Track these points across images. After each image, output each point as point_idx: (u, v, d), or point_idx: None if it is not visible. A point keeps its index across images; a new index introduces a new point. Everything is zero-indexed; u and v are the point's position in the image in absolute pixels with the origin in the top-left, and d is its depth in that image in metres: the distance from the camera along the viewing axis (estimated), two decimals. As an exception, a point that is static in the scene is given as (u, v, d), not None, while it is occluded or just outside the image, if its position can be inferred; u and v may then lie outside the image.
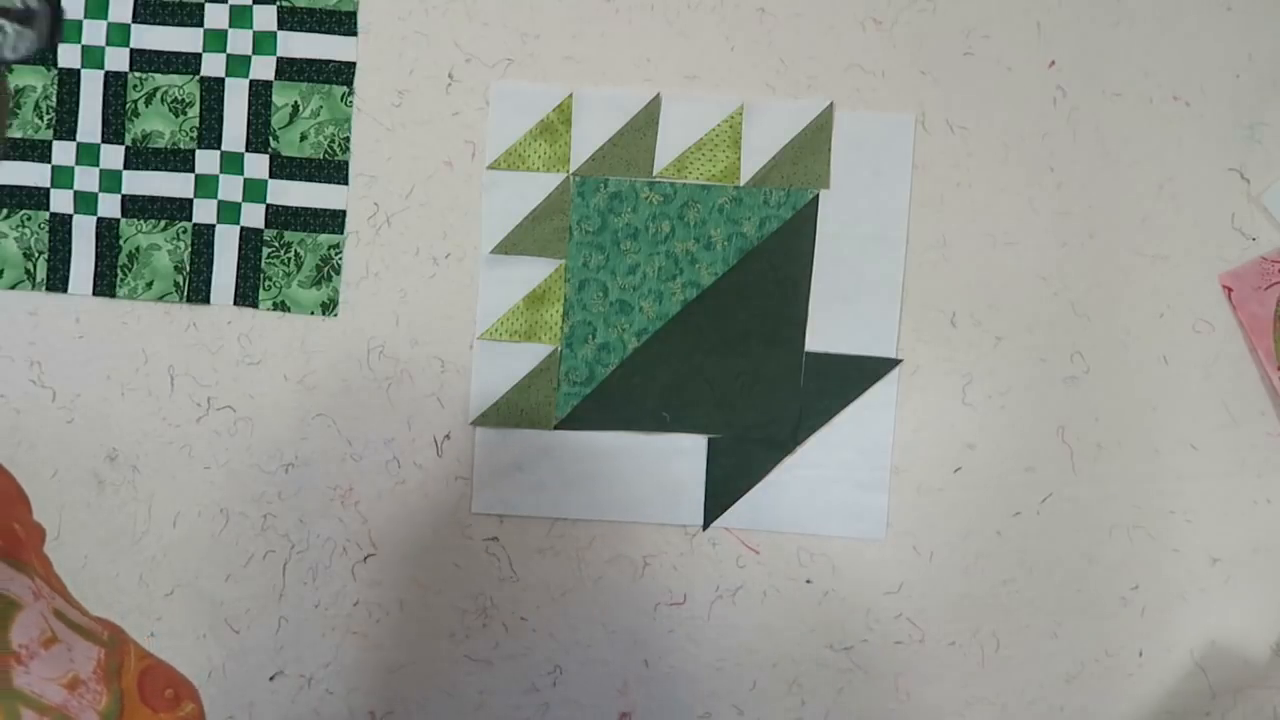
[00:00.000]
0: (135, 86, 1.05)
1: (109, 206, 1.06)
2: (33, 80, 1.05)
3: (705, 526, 1.06)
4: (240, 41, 1.05)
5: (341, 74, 1.04)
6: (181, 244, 1.06)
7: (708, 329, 1.05)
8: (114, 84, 1.05)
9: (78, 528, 1.06)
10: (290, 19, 1.04)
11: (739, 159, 1.04)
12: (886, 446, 1.04)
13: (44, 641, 0.46)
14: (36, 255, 1.06)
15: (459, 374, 1.05)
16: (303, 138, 1.05)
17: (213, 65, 1.05)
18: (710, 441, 1.05)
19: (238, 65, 1.05)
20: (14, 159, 1.05)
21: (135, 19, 1.05)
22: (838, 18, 1.03)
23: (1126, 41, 1.02)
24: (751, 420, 1.05)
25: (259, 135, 1.05)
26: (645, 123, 1.04)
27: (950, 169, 1.03)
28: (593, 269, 1.05)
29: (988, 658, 1.06)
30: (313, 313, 1.06)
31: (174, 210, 1.06)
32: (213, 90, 1.05)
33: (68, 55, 1.05)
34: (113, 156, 1.06)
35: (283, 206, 1.05)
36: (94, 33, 1.05)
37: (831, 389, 1.04)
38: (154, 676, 0.51)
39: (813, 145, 1.03)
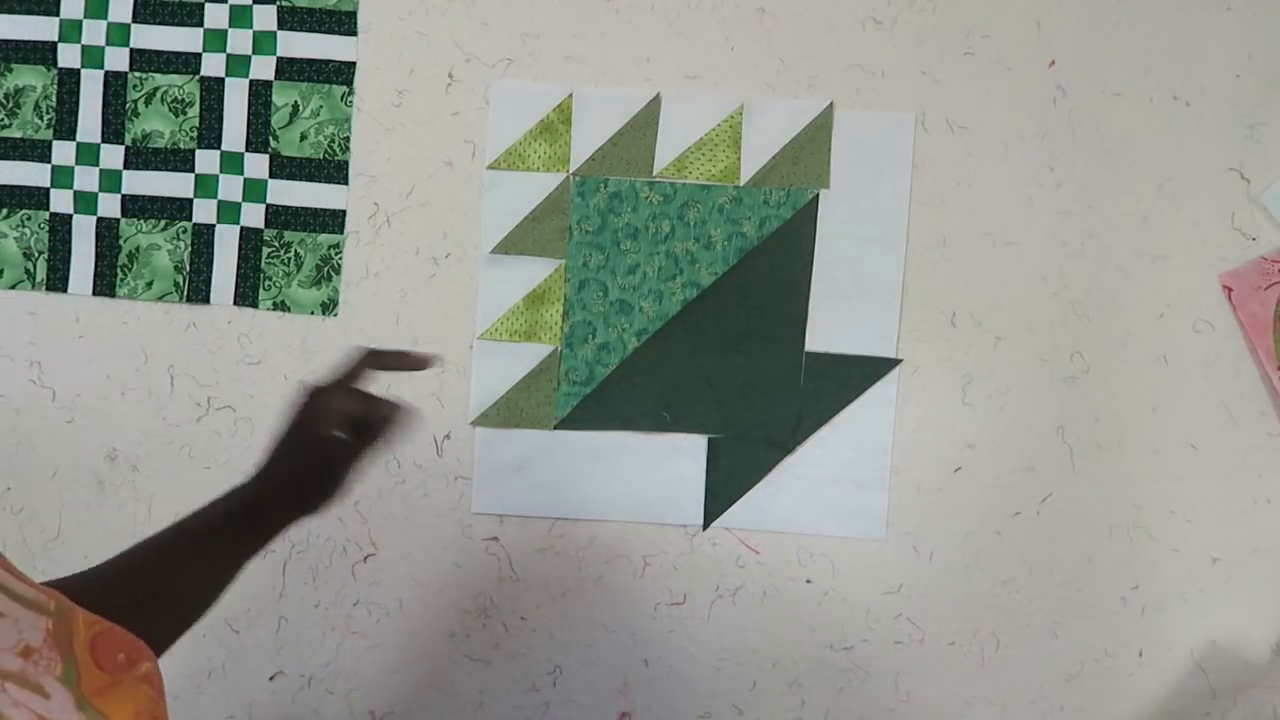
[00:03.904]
0: (135, 86, 1.05)
1: (109, 206, 1.06)
2: (33, 80, 1.05)
3: (705, 526, 1.06)
4: (240, 41, 1.05)
5: (341, 74, 1.04)
6: (181, 244, 1.06)
7: (708, 329, 1.05)
8: (114, 84, 1.05)
9: (78, 528, 1.06)
10: (290, 19, 1.04)
11: (739, 159, 1.04)
12: (886, 446, 1.04)
13: None
14: (36, 255, 1.06)
15: (459, 374, 1.05)
16: (303, 138, 1.05)
17: (213, 65, 1.05)
18: (710, 441, 1.05)
19: (238, 65, 1.05)
20: (14, 159, 1.05)
21: (135, 19, 1.05)
22: (838, 18, 1.03)
23: (1126, 41, 1.02)
24: (751, 420, 1.05)
25: (259, 135, 1.05)
26: (645, 123, 1.04)
27: (950, 169, 1.03)
28: (593, 269, 1.05)
29: (988, 658, 1.06)
30: (313, 313, 1.06)
31: (174, 210, 1.06)
32: (213, 90, 1.05)
33: (68, 55, 1.05)
34: (113, 156, 1.06)
35: (283, 206, 1.05)
36: (94, 33, 1.05)
37: (831, 389, 1.04)
38: (106, 642, 0.51)
39: (813, 145, 1.03)
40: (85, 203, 1.06)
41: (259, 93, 1.05)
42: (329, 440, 0.73)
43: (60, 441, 1.06)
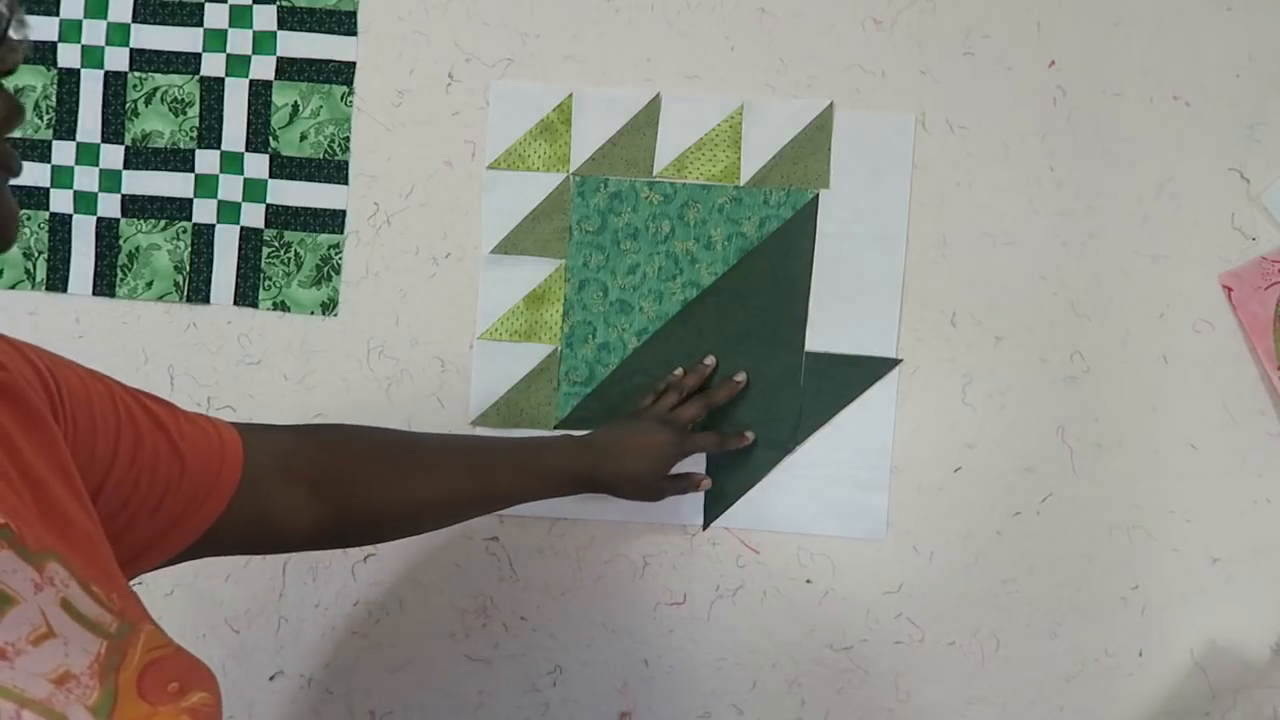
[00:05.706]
0: (135, 86, 1.05)
1: (109, 206, 1.06)
2: (33, 80, 1.05)
3: (705, 526, 1.06)
4: (240, 41, 1.05)
5: (341, 74, 1.04)
6: (181, 244, 1.06)
7: (708, 329, 1.05)
8: (114, 84, 1.05)
9: (78, 528, 1.06)
10: (290, 19, 1.04)
11: (739, 159, 1.04)
12: (886, 446, 1.04)
13: (35, 638, 0.46)
14: (36, 255, 1.06)
15: (459, 374, 1.05)
16: (303, 138, 1.05)
17: (213, 65, 1.05)
18: (710, 441, 1.05)
19: (238, 65, 1.05)
20: (14, 159, 1.06)
21: (135, 19, 1.05)
22: (838, 18, 1.03)
23: (1126, 41, 1.02)
24: (751, 420, 1.05)
25: (259, 135, 1.05)
26: (645, 123, 1.04)
27: (950, 169, 1.03)
28: (593, 269, 1.05)
29: (988, 658, 1.06)
30: (313, 313, 1.06)
31: (174, 210, 1.06)
32: (213, 90, 1.05)
33: (68, 55, 1.05)
34: (112, 156, 1.06)
35: (283, 206, 1.05)
36: (94, 33, 1.05)
37: (831, 389, 1.04)
38: (160, 669, 0.51)
39: (813, 145, 1.03)
40: (85, 203, 1.06)
41: (259, 93, 1.05)
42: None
43: (60, 441, 1.06)
